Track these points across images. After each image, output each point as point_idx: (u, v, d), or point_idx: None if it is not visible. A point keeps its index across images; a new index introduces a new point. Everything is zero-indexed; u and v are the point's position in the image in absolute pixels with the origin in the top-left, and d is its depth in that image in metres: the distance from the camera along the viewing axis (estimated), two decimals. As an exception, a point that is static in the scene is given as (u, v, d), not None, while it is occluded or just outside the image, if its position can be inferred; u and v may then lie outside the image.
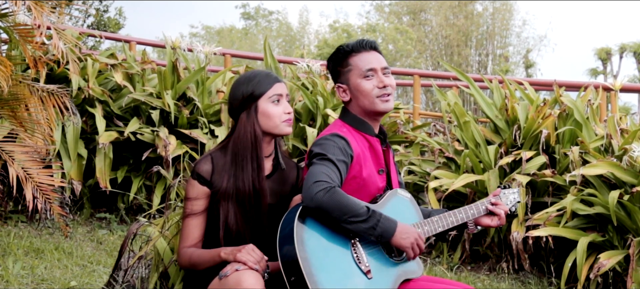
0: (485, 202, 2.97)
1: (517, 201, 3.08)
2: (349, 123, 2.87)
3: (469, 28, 23.82)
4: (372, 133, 2.88)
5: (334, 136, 2.75)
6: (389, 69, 2.90)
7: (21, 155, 3.82)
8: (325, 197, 2.52)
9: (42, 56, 5.10)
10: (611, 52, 25.80)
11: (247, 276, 2.52)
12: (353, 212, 2.55)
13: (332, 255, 2.57)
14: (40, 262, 4.71)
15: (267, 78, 2.82)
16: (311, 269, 2.49)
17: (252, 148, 2.76)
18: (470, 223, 2.96)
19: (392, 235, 2.61)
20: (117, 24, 17.28)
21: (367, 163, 2.82)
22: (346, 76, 2.88)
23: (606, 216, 5.13)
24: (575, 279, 5.10)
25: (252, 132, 2.77)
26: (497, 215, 2.95)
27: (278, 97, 2.80)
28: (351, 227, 2.57)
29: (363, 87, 2.84)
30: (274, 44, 29.92)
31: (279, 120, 2.80)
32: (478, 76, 9.62)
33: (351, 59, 2.87)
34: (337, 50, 2.92)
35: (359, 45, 2.88)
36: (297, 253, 2.48)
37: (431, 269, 5.42)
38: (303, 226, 2.56)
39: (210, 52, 6.80)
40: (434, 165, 6.19)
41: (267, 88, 2.79)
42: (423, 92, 20.17)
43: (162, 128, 6.13)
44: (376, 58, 2.87)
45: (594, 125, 5.96)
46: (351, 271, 2.58)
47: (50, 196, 3.78)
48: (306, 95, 6.56)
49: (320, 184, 2.54)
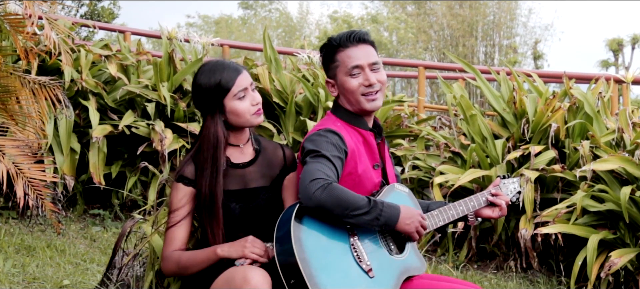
0: (485, 193, 3.00)
1: (517, 191, 3.11)
2: (341, 118, 2.86)
3: (474, 18, 23.76)
4: (366, 127, 2.87)
5: (327, 131, 2.73)
6: (379, 64, 2.86)
7: (12, 149, 3.81)
8: (323, 194, 2.51)
9: (34, 47, 5.10)
10: (623, 43, 25.75)
11: (253, 273, 2.52)
12: (354, 205, 2.55)
13: (332, 255, 2.56)
14: (31, 260, 4.71)
15: (228, 73, 2.80)
16: (311, 271, 2.48)
17: (213, 151, 2.78)
18: (470, 215, 2.98)
19: (396, 222, 2.62)
20: (111, 14, 17.25)
21: (362, 158, 2.81)
22: (334, 72, 2.86)
23: (617, 213, 5.12)
24: (586, 278, 5.09)
25: (215, 134, 2.79)
26: (497, 206, 2.98)
27: (243, 91, 2.80)
28: (354, 221, 2.57)
29: (348, 85, 2.82)
30: (274, 35, 29.87)
31: (248, 115, 2.81)
32: (485, 67, 9.61)
33: (338, 55, 2.84)
34: (325, 44, 2.90)
35: (346, 39, 2.84)
36: (295, 255, 2.47)
37: (436, 268, 5.41)
38: (300, 226, 2.55)
39: (208, 43, 6.79)
40: (440, 160, 6.18)
41: (230, 85, 2.78)
42: (428, 84, 20.15)
43: (157, 122, 6.12)
44: (364, 53, 2.83)
45: (605, 119, 5.95)
46: (352, 270, 2.57)
47: (42, 192, 3.77)
48: (307, 88, 6.54)
49: (317, 182, 2.53)
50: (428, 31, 25.12)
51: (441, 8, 24.56)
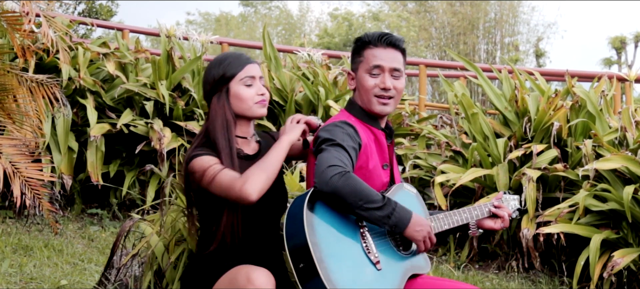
0: (488, 204, 3.04)
1: (517, 208, 3.17)
2: (355, 115, 2.90)
3: (475, 15, 23.74)
4: (378, 126, 2.92)
5: (343, 123, 2.78)
6: (401, 72, 2.90)
7: (9, 148, 3.80)
8: (340, 181, 2.53)
9: (31, 45, 5.09)
10: (626, 41, 25.74)
11: (258, 273, 2.52)
12: (369, 198, 2.57)
13: (342, 243, 2.59)
14: (29, 260, 4.71)
15: (238, 60, 2.84)
16: (321, 255, 2.50)
17: (224, 131, 2.77)
18: (472, 225, 3.01)
19: (406, 226, 2.63)
20: (109, 11, 17.24)
21: (373, 155, 2.84)
22: (357, 65, 2.92)
23: (620, 212, 5.11)
24: (588, 278, 5.09)
25: (223, 115, 2.79)
26: (500, 217, 3.02)
27: (250, 79, 2.82)
28: (366, 214, 2.58)
29: (365, 82, 2.87)
30: (274, 32, 29.88)
31: (251, 102, 2.82)
32: (486, 66, 9.62)
33: (366, 51, 2.90)
34: (358, 38, 2.96)
35: (378, 38, 2.89)
36: (307, 238, 2.49)
37: (437, 268, 5.41)
38: (312, 213, 2.57)
39: (207, 41, 6.79)
40: (441, 159, 6.18)
41: (238, 69, 2.82)
42: (429, 82, 20.13)
43: (156, 120, 6.12)
44: (390, 57, 2.88)
45: (607, 117, 5.94)
46: (361, 260, 2.59)
47: (39, 192, 3.76)
48: (307, 86, 6.54)
49: (335, 168, 2.55)
50: (429, 29, 25.10)
51: (442, 5, 24.54)
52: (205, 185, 2.69)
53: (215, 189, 2.67)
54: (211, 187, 2.68)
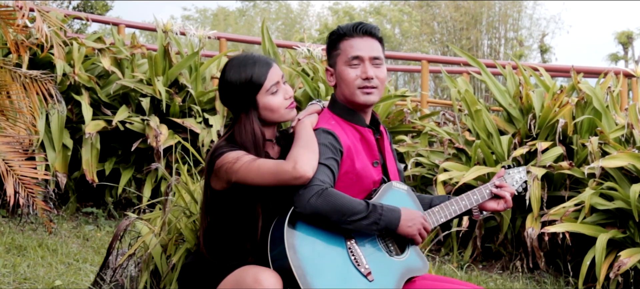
0: (489, 186, 2.97)
1: (524, 180, 3.06)
2: (337, 114, 2.85)
3: (478, 10, 23.73)
4: (363, 123, 2.85)
5: (320, 132, 2.72)
6: (381, 60, 2.84)
7: (2, 145, 3.80)
8: (319, 201, 2.52)
9: (25, 40, 5.09)
10: (632, 36, 25.72)
11: (265, 274, 2.52)
12: (352, 211, 2.56)
13: (328, 260, 2.57)
14: (22, 260, 4.71)
15: (260, 68, 2.75)
16: (306, 278, 2.49)
17: (255, 150, 2.71)
18: (474, 210, 2.95)
19: (397, 225, 2.63)
20: (105, 6, 17.23)
21: (360, 155, 2.79)
22: (335, 60, 2.86)
23: (627, 211, 5.11)
24: (594, 278, 5.09)
25: (253, 132, 2.74)
26: (502, 198, 2.94)
27: (275, 86, 2.76)
28: (352, 227, 2.57)
29: (345, 75, 2.81)
30: (273, 27, 29.86)
31: (282, 109, 2.77)
32: (490, 61, 9.60)
33: (342, 43, 2.84)
34: (332, 32, 2.90)
35: (352, 29, 2.84)
36: (290, 262, 2.48)
37: (440, 268, 5.41)
38: (293, 232, 2.55)
39: (204, 36, 6.78)
40: (443, 157, 6.18)
41: (262, 80, 2.74)
42: (431, 78, 20.12)
43: (152, 117, 6.12)
44: (368, 46, 2.82)
45: (614, 114, 5.94)
46: (350, 275, 2.57)
47: (33, 190, 3.76)
48: (307, 82, 6.54)
49: (312, 188, 2.53)
50: (431, 23, 25.09)
51: (445, 0, 24.54)
52: (239, 176, 2.63)
53: (254, 178, 2.61)
54: (249, 176, 2.62)
